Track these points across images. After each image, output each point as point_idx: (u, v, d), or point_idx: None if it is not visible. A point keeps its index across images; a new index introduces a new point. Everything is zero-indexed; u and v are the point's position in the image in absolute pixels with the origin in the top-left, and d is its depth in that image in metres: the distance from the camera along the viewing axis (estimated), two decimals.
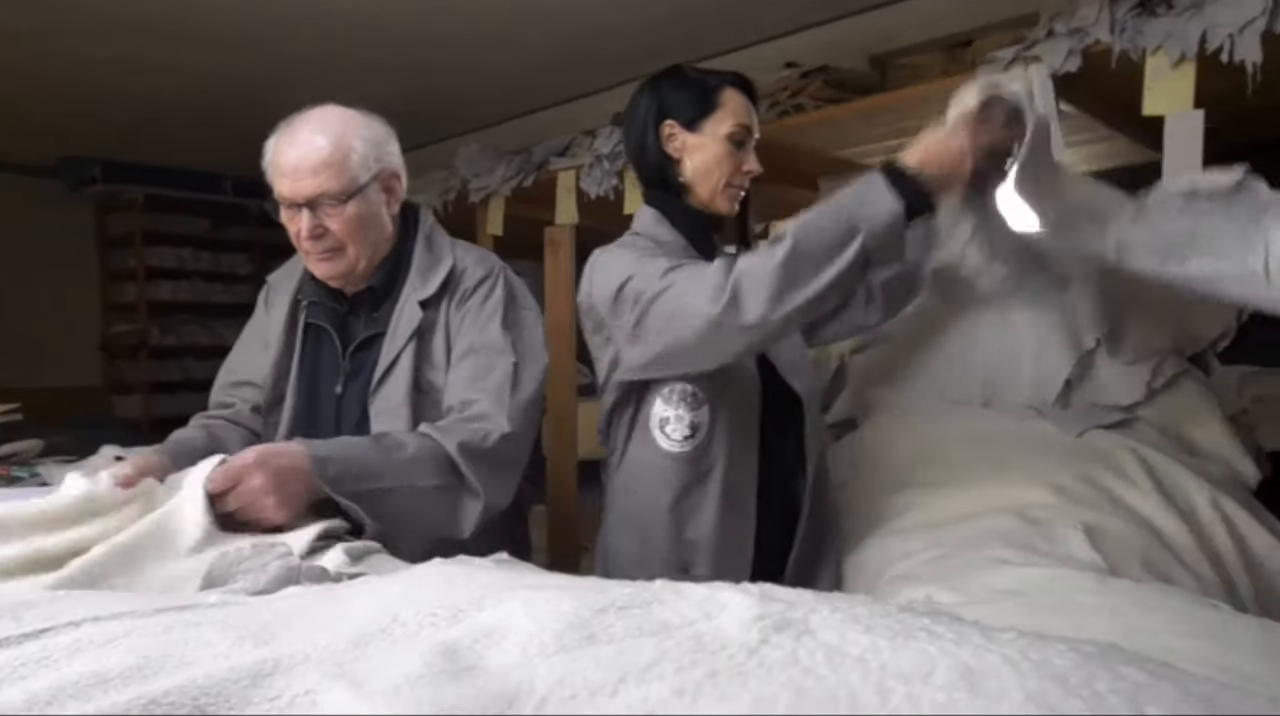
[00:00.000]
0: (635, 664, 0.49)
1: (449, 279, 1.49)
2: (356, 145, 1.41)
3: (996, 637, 0.50)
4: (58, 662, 0.55)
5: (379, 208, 1.46)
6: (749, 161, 1.51)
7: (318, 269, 1.47)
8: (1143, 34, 2.19)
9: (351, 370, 1.49)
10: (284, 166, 1.40)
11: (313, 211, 1.39)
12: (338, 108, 1.45)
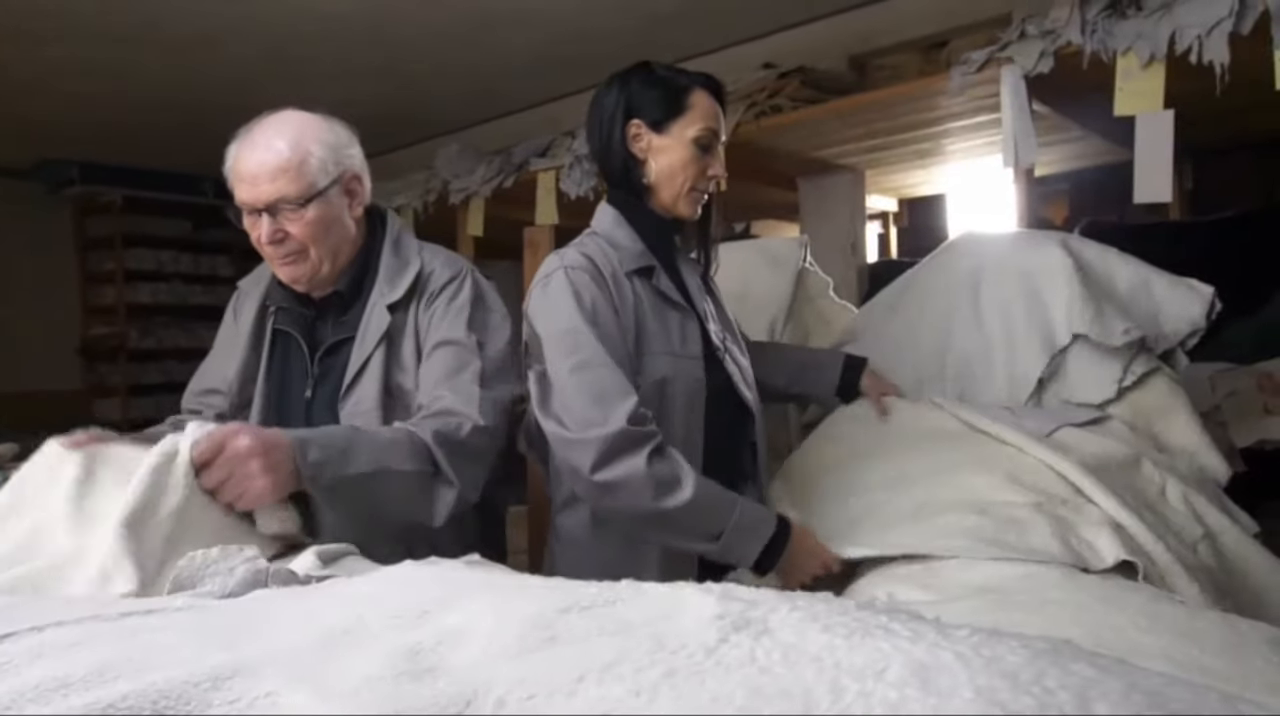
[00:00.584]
0: (594, 664, 0.50)
1: (416, 281, 1.50)
2: (315, 149, 1.42)
3: (952, 635, 0.50)
4: (18, 668, 0.55)
5: (340, 211, 1.46)
6: (714, 165, 1.51)
7: (282, 273, 1.48)
8: (1113, 35, 2.22)
9: (320, 374, 1.49)
10: (242, 172, 1.41)
11: (272, 216, 1.40)
12: (297, 112, 1.45)
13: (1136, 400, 1.60)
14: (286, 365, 1.53)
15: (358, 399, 1.43)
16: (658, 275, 1.49)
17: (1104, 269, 1.71)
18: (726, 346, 1.56)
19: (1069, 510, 1.31)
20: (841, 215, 3.54)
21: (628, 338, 1.42)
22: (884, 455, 1.61)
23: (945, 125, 3.09)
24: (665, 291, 1.49)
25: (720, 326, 1.59)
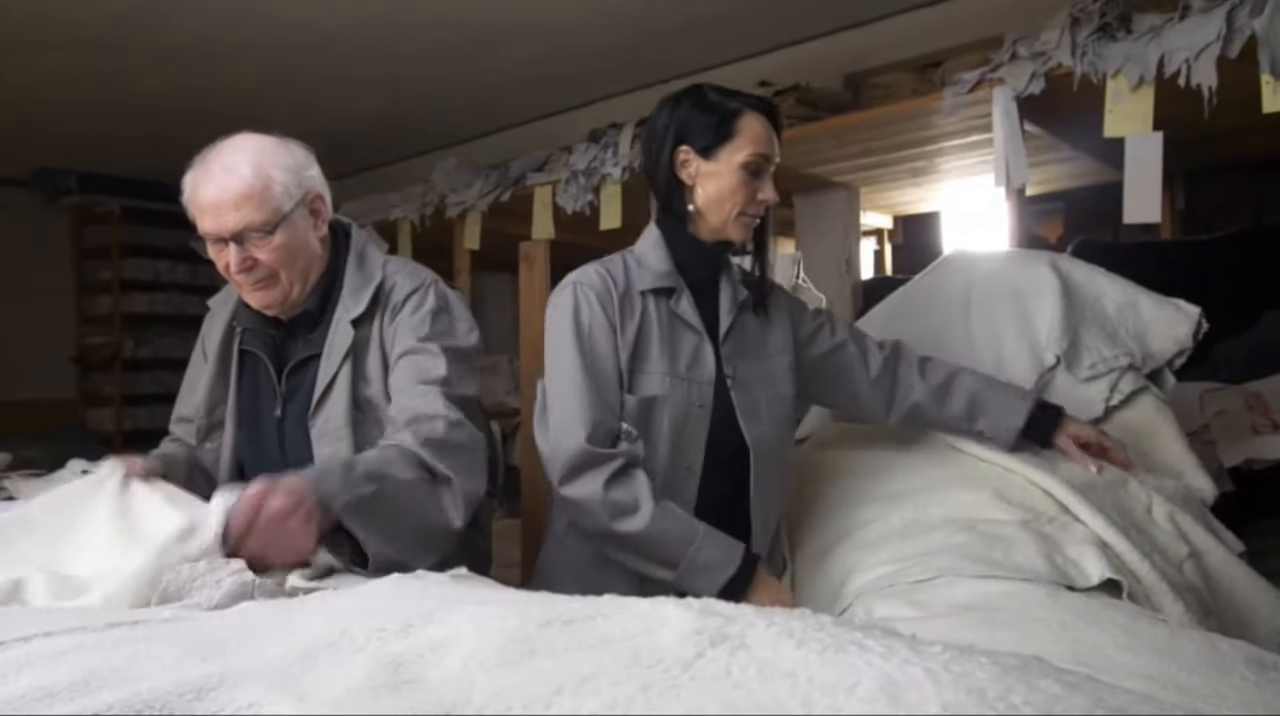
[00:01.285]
0: (572, 677, 0.51)
1: (378, 295, 1.48)
2: (276, 174, 1.39)
3: (923, 651, 0.51)
4: (5, 677, 0.56)
5: (306, 233, 1.45)
6: (764, 190, 1.47)
7: (253, 299, 1.46)
8: (1103, 58, 2.24)
9: (288, 392, 1.48)
10: (204, 203, 1.38)
11: (240, 244, 1.38)
12: (252, 136, 1.43)
13: (1124, 419, 1.61)
14: (256, 385, 1.52)
15: (327, 416, 1.42)
16: (677, 297, 1.48)
17: (1092, 289, 1.73)
18: (737, 376, 1.48)
19: (1055, 528, 1.32)
20: (836, 232, 3.57)
21: (621, 355, 1.44)
22: (872, 472, 1.62)
23: (939, 144, 3.11)
24: (681, 314, 1.47)
25: (744, 354, 1.50)
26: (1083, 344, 1.66)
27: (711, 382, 1.46)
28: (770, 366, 1.53)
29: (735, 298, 1.52)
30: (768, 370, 1.53)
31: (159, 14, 3.45)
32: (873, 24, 3.71)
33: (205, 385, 1.52)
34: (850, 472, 1.65)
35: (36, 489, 1.85)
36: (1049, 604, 1.10)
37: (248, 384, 1.52)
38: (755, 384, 1.50)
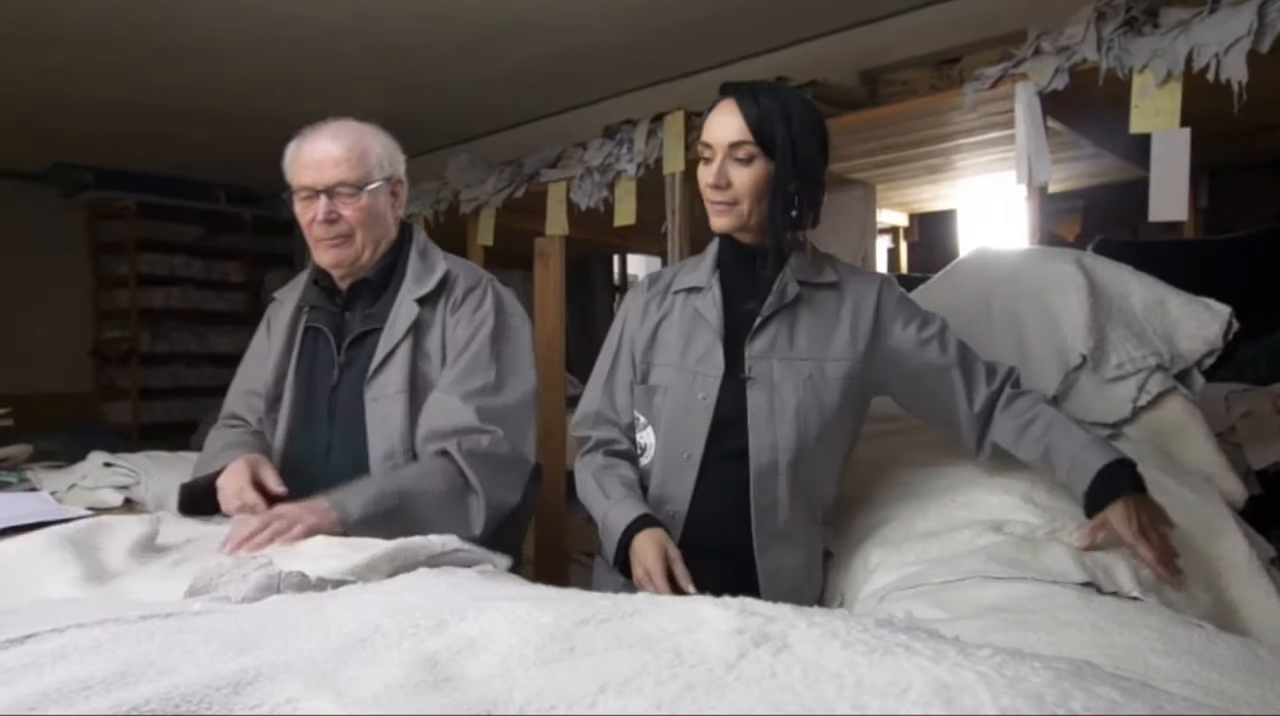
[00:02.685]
0: (614, 676, 0.50)
1: (443, 283, 1.61)
2: (374, 146, 1.58)
3: (973, 654, 0.50)
4: (42, 668, 0.55)
5: (385, 208, 1.60)
6: (706, 175, 1.44)
7: (326, 257, 1.58)
8: (1129, 53, 2.22)
9: (346, 362, 1.58)
10: (307, 158, 1.55)
11: (330, 198, 1.53)
12: (355, 120, 1.62)
13: (1151, 420, 1.59)
14: (315, 358, 1.63)
15: (384, 382, 1.53)
16: (703, 295, 1.51)
17: (1119, 287, 1.70)
18: (758, 375, 1.44)
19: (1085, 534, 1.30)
20: (852, 230, 3.55)
21: (638, 347, 1.55)
22: (897, 472, 1.61)
23: (957, 141, 3.09)
24: (701, 310, 1.50)
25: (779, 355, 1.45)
26: (1109, 343, 1.63)
27: (719, 377, 1.45)
28: (811, 371, 1.44)
29: (783, 298, 1.45)
30: (806, 374, 1.44)
31: (170, 11, 3.46)
32: (889, 19, 3.68)
33: (273, 360, 1.65)
34: (875, 471, 1.63)
35: (58, 480, 1.86)
36: (1080, 606, 1.08)
37: (308, 357, 1.64)
38: (786, 386, 1.43)
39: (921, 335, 1.48)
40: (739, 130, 1.39)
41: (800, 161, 1.40)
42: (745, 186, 1.41)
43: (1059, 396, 1.66)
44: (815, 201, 1.47)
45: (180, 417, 6.22)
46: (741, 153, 1.40)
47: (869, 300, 1.49)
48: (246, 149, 5.42)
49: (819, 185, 1.47)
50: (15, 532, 1.45)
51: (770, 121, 1.39)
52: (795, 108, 1.41)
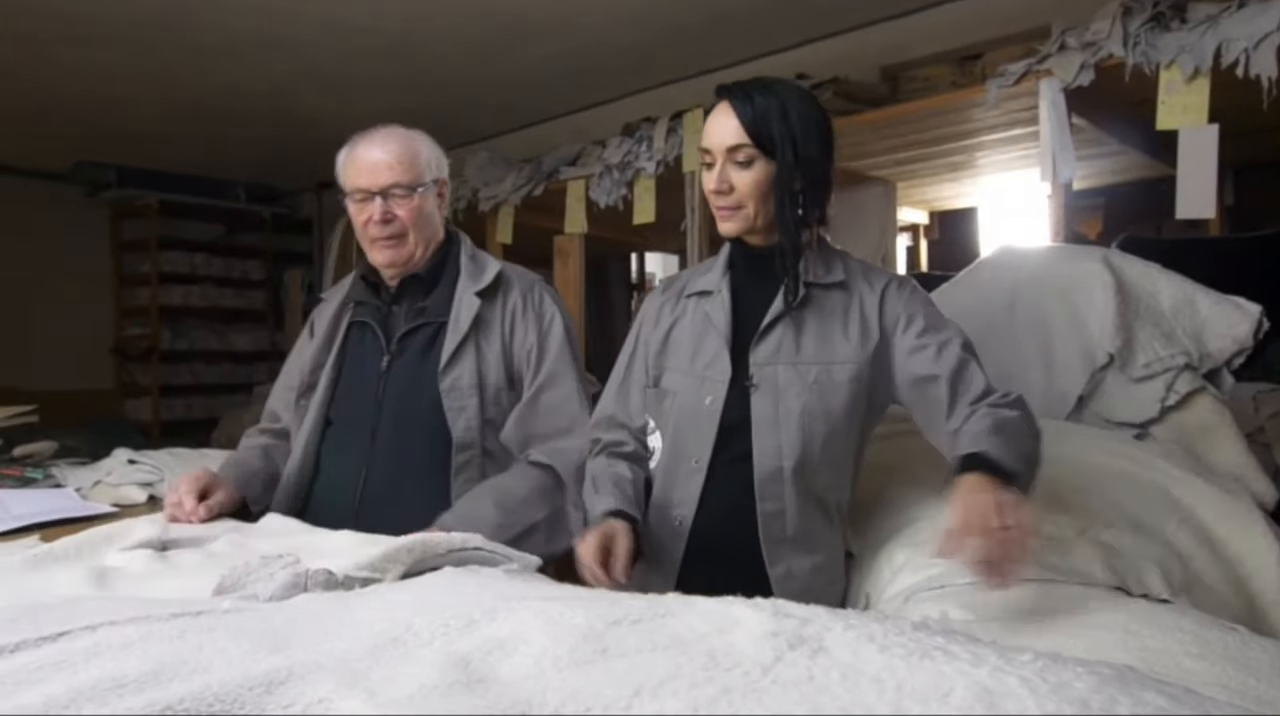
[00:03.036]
0: (649, 679, 0.49)
1: (498, 279, 1.70)
2: (424, 151, 1.67)
3: (1013, 659, 0.49)
4: (75, 666, 0.55)
5: (434, 208, 1.69)
6: (709, 181, 1.41)
7: (381, 256, 1.66)
8: (1156, 48, 2.19)
9: (397, 351, 1.66)
10: (362, 162, 1.63)
11: (384, 200, 1.61)
12: (402, 127, 1.71)
13: (1180, 420, 1.57)
14: (360, 349, 1.71)
15: (457, 375, 1.62)
16: (712, 299, 1.48)
17: (1147, 286, 1.68)
18: (762, 381, 1.40)
19: (1113, 536, 1.28)
20: (872, 228, 3.53)
21: (650, 352, 1.54)
22: (921, 471, 1.59)
23: (979, 138, 3.07)
24: (710, 314, 1.47)
25: (784, 360, 1.41)
26: (1137, 342, 1.61)
27: (726, 382, 1.41)
28: (817, 375, 1.39)
29: (789, 301, 1.41)
30: (813, 379, 1.39)
31: (192, 11, 3.48)
32: (911, 16, 3.65)
33: (311, 352, 1.74)
34: (898, 471, 1.61)
35: (83, 477, 1.88)
36: (1110, 608, 1.07)
37: (352, 348, 1.72)
38: (790, 392, 1.39)
39: (919, 341, 1.40)
40: (736, 133, 1.36)
41: (802, 158, 1.35)
42: (748, 189, 1.38)
43: (1085, 396, 1.64)
44: (822, 198, 1.42)
45: (200, 415, 6.27)
46: (741, 155, 1.36)
47: (875, 299, 1.43)
48: (267, 147, 5.46)
49: (824, 181, 1.42)
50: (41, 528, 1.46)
51: (767, 120, 1.35)
52: (793, 103, 1.37)
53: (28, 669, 0.55)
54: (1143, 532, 1.34)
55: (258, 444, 1.75)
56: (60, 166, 5.84)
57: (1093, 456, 1.49)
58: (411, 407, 1.61)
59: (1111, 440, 1.53)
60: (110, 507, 1.65)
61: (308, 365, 1.73)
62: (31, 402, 2.46)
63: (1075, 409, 1.65)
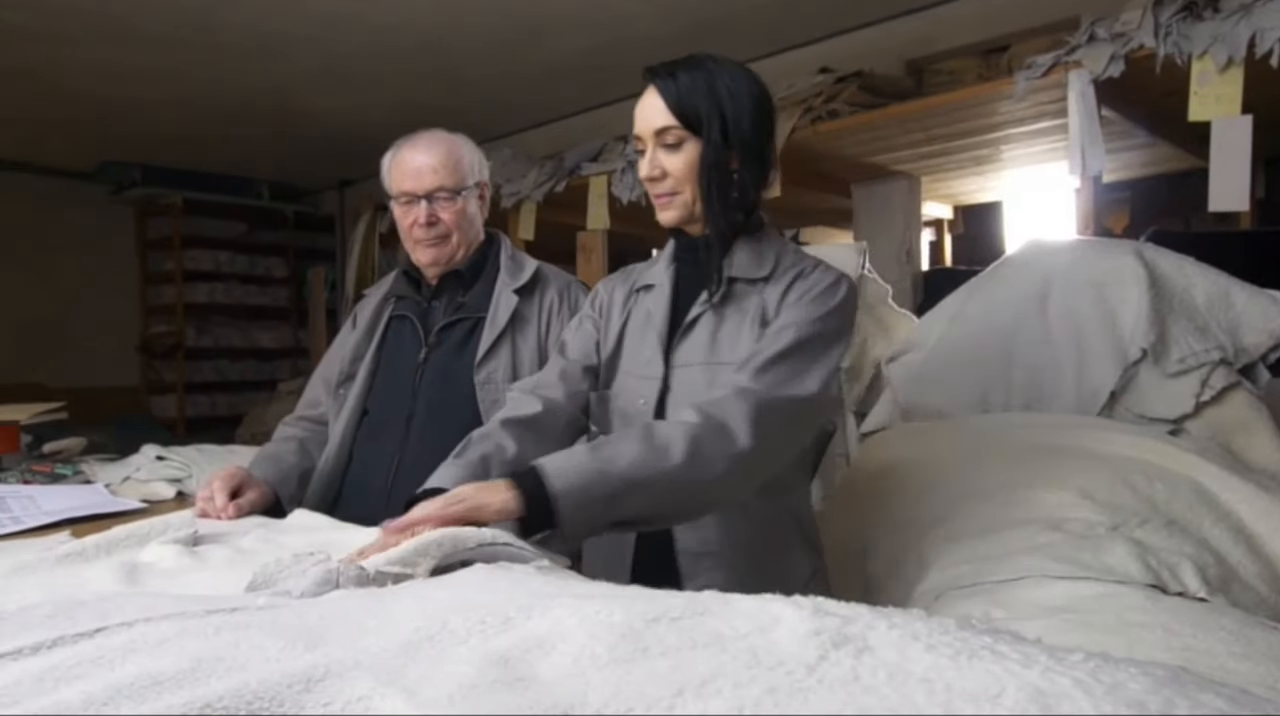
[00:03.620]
0: (691, 678, 0.48)
1: (536, 277, 1.75)
2: (466, 154, 1.73)
3: (1064, 659, 0.48)
4: (112, 663, 0.55)
5: (475, 210, 1.76)
6: (641, 167, 1.33)
7: (425, 256, 1.73)
8: (1188, 38, 2.16)
9: (435, 343, 1.72)
10: (408, 167, 1.70)
11: (429, 203, 1.68)
12: (444, 131, 1.77)
13: (1215, 416, 1.54)
14: (400, 341, 1.77)
15: (493, 368, 1.65)
16: (654, 293, 1.40)
17: (1181, 280, 1.66)
18: (676, 383, 1.32)
19: (1147, 531, 1.26)
20: (897, 222, 3.50)
21: (603, 354, 1.43)
22: (946, 469, 1.58)
23: (1005, 131, 3.03)
24: (651, 310, 1.39)
25: (698, 359, 1.32)
26: (1171, 337, 1.59)
27: (658, 381, 1.33)
28: (721, 377, 1.27)
29: (711, 296, 1.32)
30: (720, 378, 1.27)
31: (217, 10, 3.51)
32: (935, 8, 3.62)
33: (351, 343, 1.80)
34: (923, 469, 1.60)
35: (112, 473, 1.89)
36: (1148, 606, 1.05)
37: (391, 340, 1.79)
38: (699, 392, 1.27)
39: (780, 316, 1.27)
40: (662, 113, 1.28)
41: (732, 135, 1.26)
42: (682, 172, 1.28)
43: (1118, 391, 1.62)
44: (759, 179, 1.32)
45: (225, 412, 6.33)
46: (670, 138, 1.28)
47: (777, 295, 1.30)
48: (290, 145, 5.49)
49: (761, 160, 1.31)
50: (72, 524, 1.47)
51: (693, 98, 1.26)
52: (722, 78, 1.28)
53: (66, 665, 0.55)
54: (1177, 529, 1.31)
55: (294, 435, 1.78)
56: (86, 166, 5.91)
57: (1126, 452, 1.47)
58: (446, 399, 1.65)
59: (1145, 436, 1.51)
60: (139, 504, 1.66)
61: (348, 355, 1.79)
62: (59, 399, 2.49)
63: (1108, 404, 1.63)
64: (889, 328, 2.23)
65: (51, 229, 5.93)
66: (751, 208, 1.33)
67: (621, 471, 1.07)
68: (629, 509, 1.09)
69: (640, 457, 1.08)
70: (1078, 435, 1.54)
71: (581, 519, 1.05)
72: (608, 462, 1.07)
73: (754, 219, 1.34)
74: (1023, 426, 1.65)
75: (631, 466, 1.07)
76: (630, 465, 1.07)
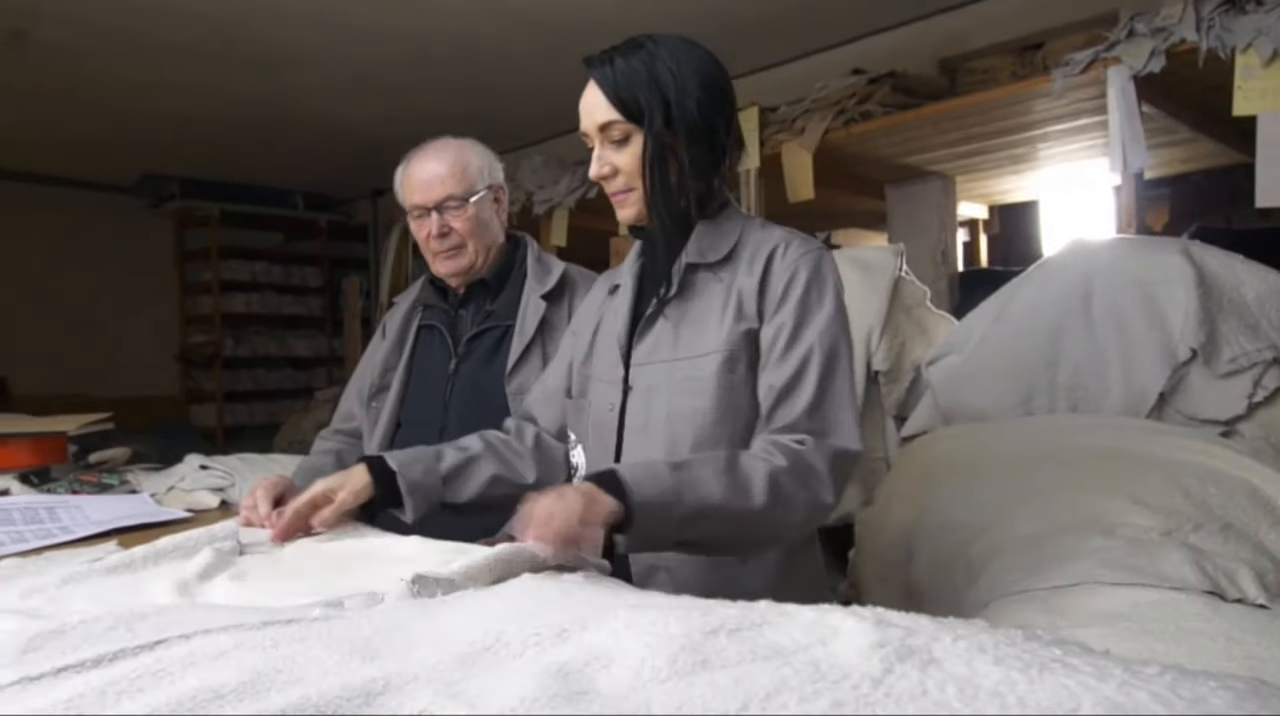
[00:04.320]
0: (755, 692, 0.48)
1: (563, 281, 1.72)
2: (473, 160, 1.70)
3: (1140, 672, 0.47)
4: (172, 676, 0.56)
5: (491, 214, 1.73)
6: (592, 165, 1.26)
7: (442, 267, 1.71)
8: (1231, 31, 2.12)
9: (465, 353, 1.70)
10: (415, 180, 1.68)
11: (440, 214, 1.66)
12: (453, 137, 1.74)
13: (1269, 417, 1.51)
14: (429, 351, 1.76)
15: (524, 378, 1.62)
16: (619, 294, 1.34)
17: (1231, 278, 1.62)
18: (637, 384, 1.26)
19: (1202, 537, 1.23)
20: (931, 223, 3.47)
21: (576, 360, 1.39)
22: (992, 474, 1.55)
23: (1042, 129, 2.99)
24: (615, 309, 1.33)
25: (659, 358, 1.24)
26: (1221, 336, 1.55)
27: (619, 383, 1.27)
28: (685, 372, 1.20)
29: (669, 289, 1.24)
30: (682, 377, 1.21)
31: (253, 24, 3.56)
32: (969, 6, 3.58)
33: (382, 354, 1.79)
34: (967, 473, 1.58)
35: (157, 482, 1.92)
36: (1208, 614, 1.02)
37: (421, 351, 1.77)
38: (661, 394, 1.21)
39: (773, 333, 1.18)
40: (603, 108, 1.20)
41: (677, 121, 1.18)
42: (631, 169, 1.20)
43: (1167, 393, 1.58)
44: (713, 164, 1.23)
45: (262, 420, 6.41)
46: (615, 133, 1.20)
47: (756, 272, 1.20)
48: (324, 156, 5.56)
49: (713, 143, 1.21)
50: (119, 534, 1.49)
51: (631, 86, 1.18)
52: (662, 58, 1.20)
53: (128, 678, 0.56)
54: (1233, 534, 1.28)
55: (331, 448, 1.79)
56: (126, 180, 6.02)
57: (1177, 455, 1.44)
58: (478, 410, 1.61)
59: (1197, 438, 1.47)
60: (185, 513, 1.68)
61: (379, 367, 1.78)
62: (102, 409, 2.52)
63: (1157, 406, 1.59)
64: (928, 330, 2.20)
65: (93, 241, 6.05)
66: (707, 192, 1.25)
67: (699, 498, 1.03)
68: (695, 533, 1.06)
69: (720, 488, 1.04)
70: (1126, 437, 1.51)
71: (649, 535, 1.03)
72: (687, 486, 1.03)
73: (713, 203, 1.26)
74: (1069, 429, 1.62)
75: (710, 495, 1.04)
76: (709, 493, 1.04)
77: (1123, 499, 1.35)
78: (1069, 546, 1.27)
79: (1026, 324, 1.83)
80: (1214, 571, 1.16)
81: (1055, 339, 1.76)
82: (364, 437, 1.77)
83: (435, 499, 1.29)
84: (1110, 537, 1.26)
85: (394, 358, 1.78)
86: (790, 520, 1.10)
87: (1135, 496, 1.35)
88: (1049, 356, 1.75)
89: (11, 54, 3.73)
